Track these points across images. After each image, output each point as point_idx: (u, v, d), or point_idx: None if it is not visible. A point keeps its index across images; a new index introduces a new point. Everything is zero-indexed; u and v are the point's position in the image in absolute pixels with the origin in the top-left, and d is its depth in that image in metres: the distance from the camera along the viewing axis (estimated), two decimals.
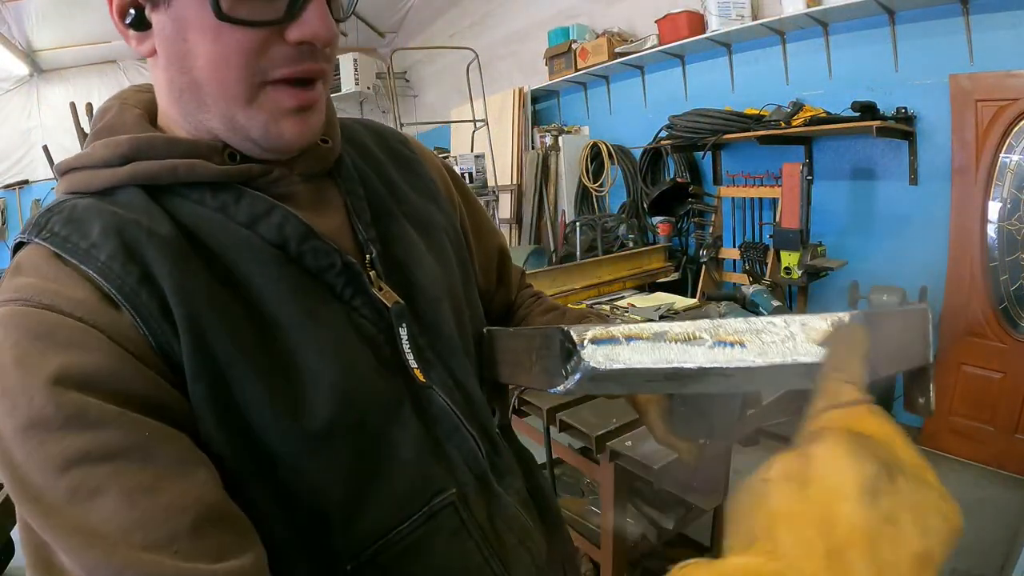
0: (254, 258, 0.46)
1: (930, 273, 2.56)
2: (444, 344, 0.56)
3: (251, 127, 0.46)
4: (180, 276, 0.42)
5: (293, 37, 0.44)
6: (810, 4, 2.72)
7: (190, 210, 0.47)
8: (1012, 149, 2.36)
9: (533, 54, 4.47)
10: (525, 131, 4.55)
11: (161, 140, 0.47)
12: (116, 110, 0.51)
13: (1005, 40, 2.29)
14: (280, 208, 0.48)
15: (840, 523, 0.26)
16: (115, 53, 5.20)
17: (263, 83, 0.45)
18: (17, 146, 5.21)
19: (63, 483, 0.36)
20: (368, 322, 0.51)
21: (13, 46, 4.54)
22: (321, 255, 0.49)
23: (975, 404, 2.54)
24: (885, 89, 2.66)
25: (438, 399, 0.53)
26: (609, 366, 0.39)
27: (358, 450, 0.47)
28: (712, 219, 3.42)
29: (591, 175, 4.11)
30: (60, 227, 0.43)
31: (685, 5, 3.26)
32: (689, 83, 3.58)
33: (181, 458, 0.39)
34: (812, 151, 2.97)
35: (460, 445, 0.54)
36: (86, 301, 0.40)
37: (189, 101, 0.47)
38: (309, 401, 0.45)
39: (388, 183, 0.61)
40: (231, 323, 0.43)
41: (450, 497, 0.51)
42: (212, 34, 0.43)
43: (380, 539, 0.47)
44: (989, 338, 2.49)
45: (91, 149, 0.48)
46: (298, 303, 0.46)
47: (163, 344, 0.41)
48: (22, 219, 5.26)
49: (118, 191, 0.46)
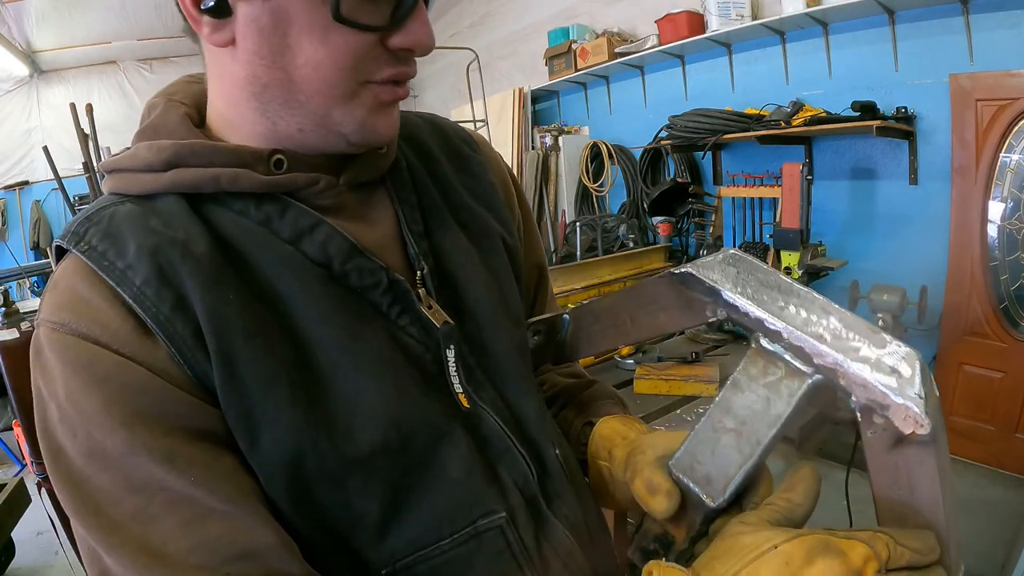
0: (296, 276, 0.45)
1: (930, 273, 2.56)
2: (496, 364, 0.54)
3: (346, 123, 0.46)
4: (212, 301, 0.41)
5: (396, 44, 0.44)
6: (810, 4, 2.72)
7: (232, 221, 0.46)
8: (1012, 149, 2.35)
9: (533, 54, 4.47)
10: (525, 131, 4.54)
11: (203, 147, 0.46)
12: (161, 108, 0.50)
13: (1005, 40, 2.29)
14: (325, 224, 0.47)
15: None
16: (115, 54, 5.21)
17: (365, 82, 0.45)
18: (17, 147, 5.21)
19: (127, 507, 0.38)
20: (415, 340, 0.50)
21: (13, 47, 4.54)
22: (366, 274, 0.48)
23: (975, 404, 2.54)
24: (885, 89, 2.66)
25: (489, 420, 0.52)
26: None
27: (401, 468, 0.46)
28: (712, 219, 3.41)
29: (591, 175, 4.11)
30: (98, 241, 0.43)
31: (685, 5, 3.26)
32: (689, 83, 3.57)
33: (229, 494, 0.40)
34: (812, 151, 2.97)
35: (511, 466, 0.52)
36: (121, 330, 0.40)
37: (274, 97, 0.45)
38: (349, 426, 0.44)
39: (444, 187, 0.59)
40: (267, 347, 0.42)
41: (498, 520, 0.49)
42: (321, 33, 0.42)
43: (418, 552, 0.47)
44: (989, 338, 2.49)
45: (135, 150, 0.47)
46: (340, 323, 0.45)
47: (199, 374, 0.41)
48: (22, 220, 5.26)
49: (158, 198, 0.46)
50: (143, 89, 5.42)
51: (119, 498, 0.38)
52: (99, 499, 0.39)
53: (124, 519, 0.38)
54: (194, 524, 0.38)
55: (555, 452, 0.57)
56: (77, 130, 2.64)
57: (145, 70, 5.44)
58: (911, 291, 2.43)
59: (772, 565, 0.34)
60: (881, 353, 0.36)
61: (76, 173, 3.33)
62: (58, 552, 2.10)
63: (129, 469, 0.38)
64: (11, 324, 1.68)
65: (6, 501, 2.04)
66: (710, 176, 3.53)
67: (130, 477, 0.38)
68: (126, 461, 0.38)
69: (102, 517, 0.38)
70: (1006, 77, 2.31)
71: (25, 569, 2.34)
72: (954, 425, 2.61)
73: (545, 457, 0.56)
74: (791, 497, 0.41)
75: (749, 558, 0.35)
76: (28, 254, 5.08)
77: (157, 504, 0.38)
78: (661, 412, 1.59)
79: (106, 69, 5.33)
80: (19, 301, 3.20)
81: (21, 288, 4.74)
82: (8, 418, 3.06)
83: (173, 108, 0.49)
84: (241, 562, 0.39)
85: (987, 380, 2.51)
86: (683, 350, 1.98)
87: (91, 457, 0.39)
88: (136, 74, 5.41)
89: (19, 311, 2.20)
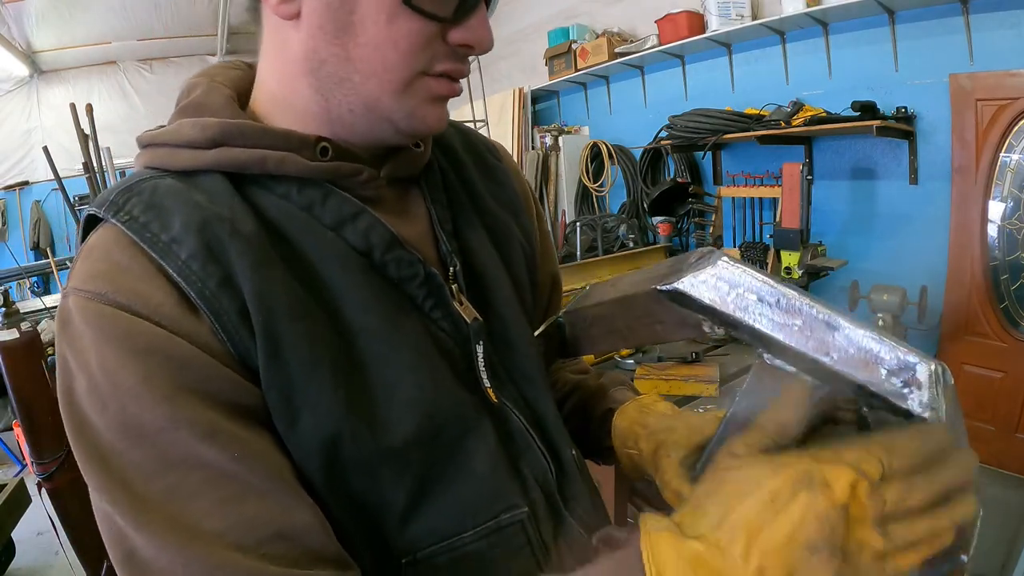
0: (338, 262, 0.46)
1: (930, 273, 2.56)
2: (517, 364, 0.56)
3: (395, 110, 0.46)
4: (260, 281, 0.41)
5: (457, 39, 0.45)
6: (810, 4, 2.72)
7: (275, 204, 0.46)
8: (1012, 148, 2.36)
9: (533, 54, 4.47)
10: (525, 131, 4.54)
11: (252, 128, 0.46)
12: (204, 88, 0.49)
13: (1005, 40, 2.29)
14: (367, 213, 0.48)
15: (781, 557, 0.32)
16: (115, 54, 5.21)
17: (421, 73, 0.45)
18: (17, 147, 5.21)
19: (160, 484, 0.37)
20: (446, 335, 0.51)
21: (13, 47, 4.54)
22: (405, 265, 0.49)
23: (975, 404, 2.53)
24: (885, 89, 2.66)
25: (512, 417, 0.53)
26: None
27: (431, 460, 0.47)
28: (712, 219, 3.41)
29: (591, 175, 4.11)
30: (140, 211, 0.42)
31: (685, 5, 3.26)
32: (689, 83, 3.57)
33: (268, 472, 0.40)
34: (812, 151, 2.97)
35: (532, 464, 0.54)
36: (164, 304, 0.39)
37: (329, 75, 0.46)
38: (386, 415, 0.44)
39: (471, 191, 0.60)
40: (310, 331, 0.42)
41: (520, 515, 0.50)
42: (388, 15, 0.42)
43: (440, 542, 0.47)
44: (989, 338, 2.49)
45: (177, 127, 0.46)
46: (380, 311, 0.46)
47: (242, 351, 0.41)
48: (22, 220, 5.26)
49: (200, 175, 0.45)
50: (143, 89, 5.42)
51: (152, 474, 0.37)
52: (129, 475, 0.37)
53: (157, 495, 0.37)
54: (232, 502, 0.37)
55: (572, 453, 0.58)
56: (77, 130, 2.63)
57: (145, 70, 5.44)
58: (911, 291, 2.43)
59: (757, 506, 0.33)
60: (891, 368, 0.35)
61: (76, 173, 3.33)
62: (58, 552, 2.10)
63: (166, 444, 0.37)
64: (11, 324, 1.68)
65: (6, 501, 2.04)
66: (710, 176, 3.53)
67: (166, 452, 0.37)
68: (163, 436, 0.37)
69: (132, 493, 0.37)
70: (1006, 77, 2.31)
71: (25, 569, 2.34)
72: None
73: (563, 457, 0.57)
74: (779, 419, 0.40)
75: (734, 502, 0.34)
76: (28, 254, 5.08)
77: (194, 480, 0.37)
78: None
79: (106, 69, 5.33)
80: (19, 301, 3.20)
81: (21, 288, 4.74)
82: (8, 418, 3.06)
83: (217, 89, 0.50)
84: (278, 542, 0.38)
85: (987, 380, 2.51)
86: (683, 350, 1.98)
87: (123, 431, 0.37)
88: (136, 74, 5.41)
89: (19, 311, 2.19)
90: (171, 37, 5.06)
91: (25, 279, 4.40)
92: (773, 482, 0.34)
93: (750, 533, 0.32)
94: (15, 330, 1.63)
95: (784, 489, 0.33)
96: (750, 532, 0.32)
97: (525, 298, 0.60)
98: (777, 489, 0.33)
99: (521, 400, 0.55)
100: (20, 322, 1.73)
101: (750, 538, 0.32)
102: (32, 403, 1.62)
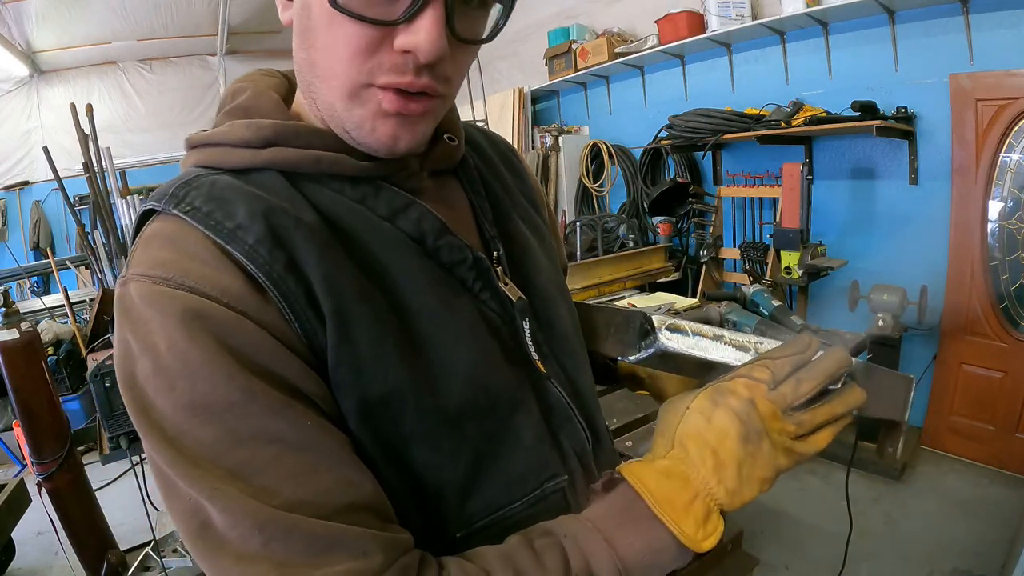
0: (395, 249, 0.48)
1: (930, 273, 2.57)
2: (558, 340, 0.58)
3: (347, 119, 0.46)
4: (327, 266, 0.42)
5: (398, 44, 0.42)
6: (810, 4, 2.72)
7: (329, 198, 0.47)
8: (1012, 148, 2.36)
9: (533, 54, 4.47)
10: (525, 131, 4.54)
11: (306, 130, 0.47)
12: (251, 92, 0.51)
13: (1005, 40, 2.29)
14: (418, 204, 0.50)
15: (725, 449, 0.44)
16: (115, 54, 5.20)
17: (368, 84, 0.43)
18: (17, 147, 5.21)
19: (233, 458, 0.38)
20: (495, 314, 0.53)
21: (13, 47, 4.54)
22: (455, 250, 0.51)
23: (975, 404, 2.54)
24: (885, 89, 2.66)
25: (554, 390, 0.56)
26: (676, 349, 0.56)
27: (486, 433, 0.49)
28: (712, 219, 3.41)
29: (591, 175, 4.11)
30: (202, 203, 0.42)
31: (685, 5, 3.26)
32: (689, 83, 3.58)
33: (337, 446, 0.41)
34: (812, 151, 2.97)
35: (571, 435, 0.56)
36: (232, 287, 0.40)
37: (304, 80, 0.48)
38: (446, 387, 0.46)
39: (503, 185, 0.63)
40: (375, 312, 0.44)
41: (561, 483, 0.53)
42: (327, 20, 0.42)
43: (492, 514, 0.49)
44: (989, 338, 2.49)
45: (228, 127, 0.47)
46: (435, 294, 0.48)
47: (308, 332, 0.42)
48: (22, 220, 5.25)
49: (254, 173, 0.46)
50: (143, 89, 5.42)
51: (225, 450, 0.38)
52: (200, 451, 0.38)
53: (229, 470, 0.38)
54: (304, 475, 0.39)
55: (606, 424, 0.63)
56: (77, 130, 2.63)
57: (145, 70, 5.43)
58: (911, 291, 2.43)
59: (691, 421, 0.45)
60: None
61: (76, 173, 3.33)
62: (58, 552, 2.10)
63: (236, 420, 0.38)
64: (11, 324, 1.68)
65: (6, 501, 2.04)
66: (710, 176, 3.53)
67: (236, 429, 0.38)
68: (235, 411, 0.38)
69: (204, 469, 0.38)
70: (1006, 77, 2.31)
71: (25, 569, 2.34)
72: (954, 425, 2.62)
73: (599, 429, 0.61)
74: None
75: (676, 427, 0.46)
76: (28, 254, 5.08)
77: (267, 454, 0.38)
78: None
79: (106, 69, 5.32)
80: (19, 301, 3.20)
81: (21, 288, 4.74)
82: (8, 418, 3.06)
83: (265, 93, 0.51)
84: (350, 514, 0.39)
85: (987, 380, 2.51)
86: None
87: (192, 410, 0.38)
88: (136, 74, 5.40)
89: (19, 311, 2.20)
90: (171, 37, 5.05)
91: (25, 279, 4.40)
92: (696, 403, 0.46)
93: (696, 441, 0.44)
94: (15, 330, 1.62)
95: (706, 404, 0.46)
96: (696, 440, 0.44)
97: (562, 281, 0.65)
98: (701, 406, 0.46)
99: (562, 373, 0.58)
100: (20, 322, 1.73)
101: (698, 444, 0.44)
102: (32, 403, 1.62)
